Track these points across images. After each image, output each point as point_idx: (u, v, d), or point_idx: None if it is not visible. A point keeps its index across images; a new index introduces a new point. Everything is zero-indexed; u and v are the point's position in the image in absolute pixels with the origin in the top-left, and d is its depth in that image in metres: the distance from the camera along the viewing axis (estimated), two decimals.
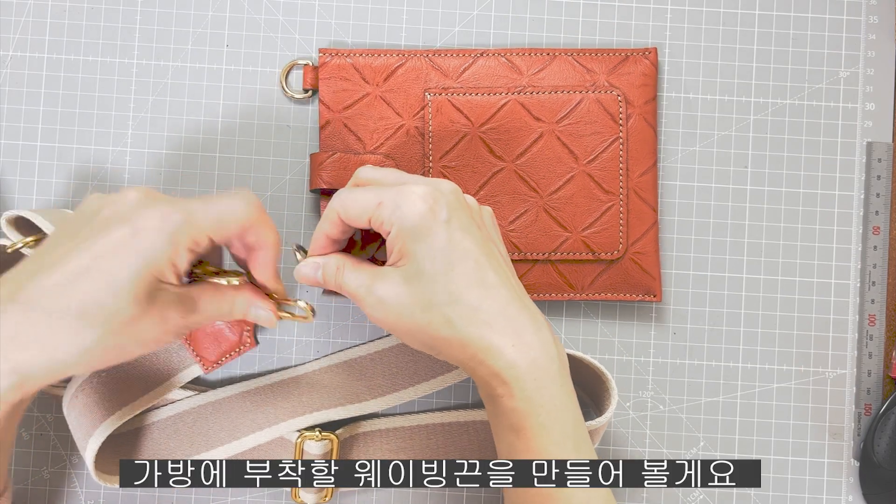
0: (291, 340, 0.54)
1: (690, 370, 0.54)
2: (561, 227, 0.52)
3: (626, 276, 0.52)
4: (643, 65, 0.53)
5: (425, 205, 0.41)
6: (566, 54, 0.53)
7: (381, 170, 0.44)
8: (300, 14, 0.54)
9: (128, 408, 0.51)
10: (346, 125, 0.53)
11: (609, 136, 0.52)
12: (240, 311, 0.44)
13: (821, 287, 0.54)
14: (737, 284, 0.54)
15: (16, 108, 0.54)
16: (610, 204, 0.52)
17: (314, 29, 0.55)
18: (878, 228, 0.54)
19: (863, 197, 0.54)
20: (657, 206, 0.53)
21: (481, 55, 0.53)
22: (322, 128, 0.53)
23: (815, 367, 0.54)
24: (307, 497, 0.52)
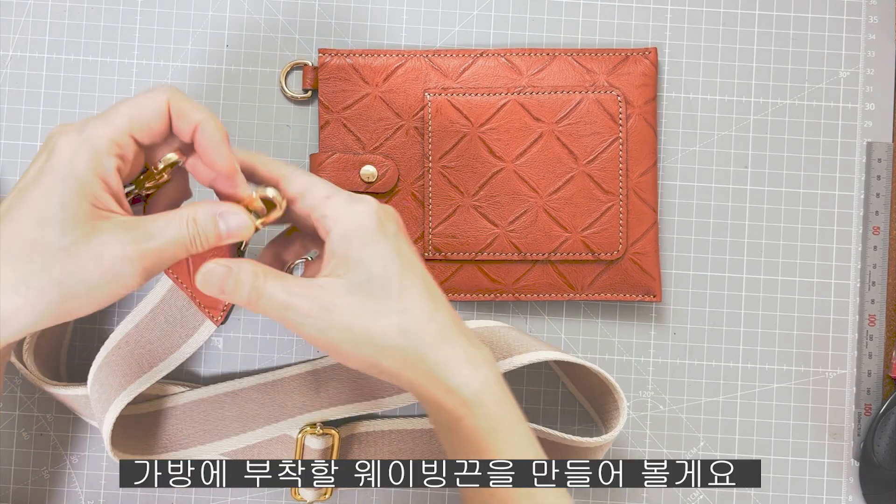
0: None
1: (690, 370, 0.54)
2: (561, 227, 0.52)
3: (625, 277, 0.52)
4: (643, 65, 0.53)
5: (376, 214, 0.40)
6: (566, 54, 0.53)
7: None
8: (300, 14, 0.54)
9: (146, 376, 0.49)
10: (345, 125, 0.53)
11: (609, 136, 0.52)
12: (205, 226, 0.38)
13: (821, 287, 0.54)
14: (737, 284, 0.54)
15: (16, 108, 0.54)
16: (610, 204, 0.52)
17: (314, 29, 0.55)
18: (878, 228, 0.54)
19: (863, 197, 0.54)
20: (657, 206, 0.53)
21: (481, 55, 0.53)
22: (322, 128, 0.53)
23: (815, 367, 0.54)
24: (306, 494, 0.52)
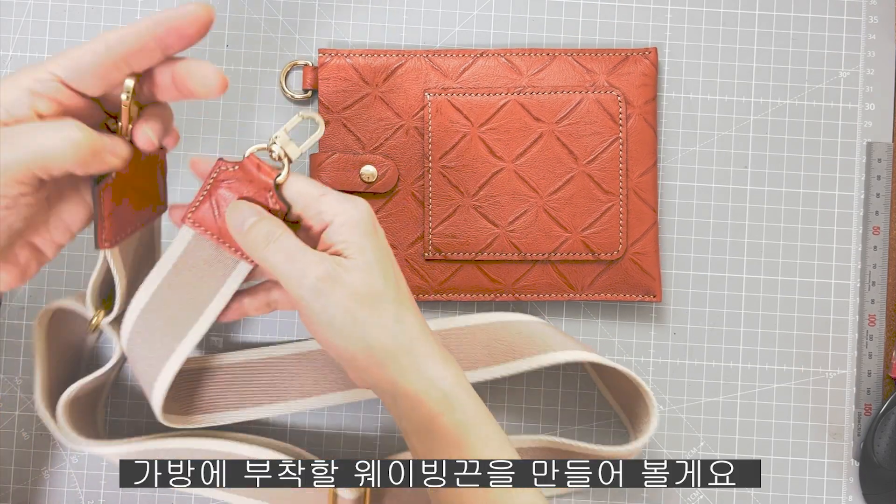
0: None
1: (690, 370, 0.54)
2: (561, 227, 0.52)
3: (625, 277, 0.52)
4: (643, 65, 0.53)
5: (369, 212, 0.41)
6: (566, 54, 0.53)
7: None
8: (300, 14, 0.54)
9: (194, 330, 0.45)
10: (345, 125, 0.53)
11: (609, 136, 0.52)
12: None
13: (821, 287, 0.54)
14: (737, 284, 0.54)
15: None
16: (610, 204, 0.52)
17: (314, 29, 0.55)
18: (878, 228, 0.54)
19: (863, 197, 0.54)
20: (657, 206, 0.53)
21: (481, 55, 0.53)
22: None
23: (815, 367, 0.54)
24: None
